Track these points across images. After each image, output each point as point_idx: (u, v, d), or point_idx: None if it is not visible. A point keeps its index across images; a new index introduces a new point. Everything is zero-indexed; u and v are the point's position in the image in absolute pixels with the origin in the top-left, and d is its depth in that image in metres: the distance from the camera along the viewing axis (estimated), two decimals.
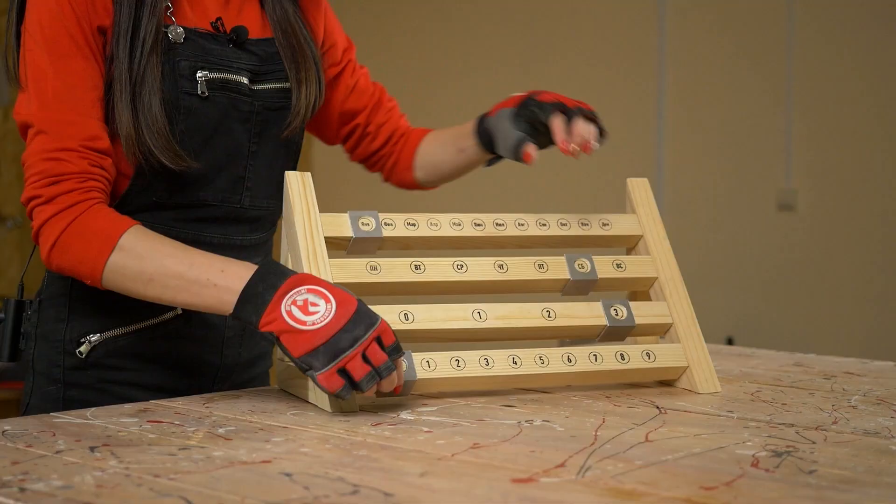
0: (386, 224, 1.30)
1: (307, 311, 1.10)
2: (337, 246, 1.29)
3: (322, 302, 1.11)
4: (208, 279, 1.14)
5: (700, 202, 3.65)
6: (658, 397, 1.25)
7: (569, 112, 1.32)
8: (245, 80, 1.30)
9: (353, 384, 1.10)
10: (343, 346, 1.09)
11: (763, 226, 3.58)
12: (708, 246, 3.63)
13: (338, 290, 1.13)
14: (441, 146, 1.51)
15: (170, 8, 1.26)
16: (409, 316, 1.24)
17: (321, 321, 1.09)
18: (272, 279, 1.13)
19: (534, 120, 1.35)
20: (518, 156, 1.37)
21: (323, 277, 1.21)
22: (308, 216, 1.26)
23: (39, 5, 1.21)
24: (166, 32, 1.25)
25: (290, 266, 1.27)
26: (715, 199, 3.64)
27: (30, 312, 1.32)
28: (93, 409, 1.15)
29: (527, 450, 0.98)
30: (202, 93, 1.26)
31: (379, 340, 1.11)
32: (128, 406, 1.17)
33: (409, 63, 4.30)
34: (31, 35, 1.22)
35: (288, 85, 1.33)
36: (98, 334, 1.28)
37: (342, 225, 1.28)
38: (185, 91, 1.25)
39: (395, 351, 1.12)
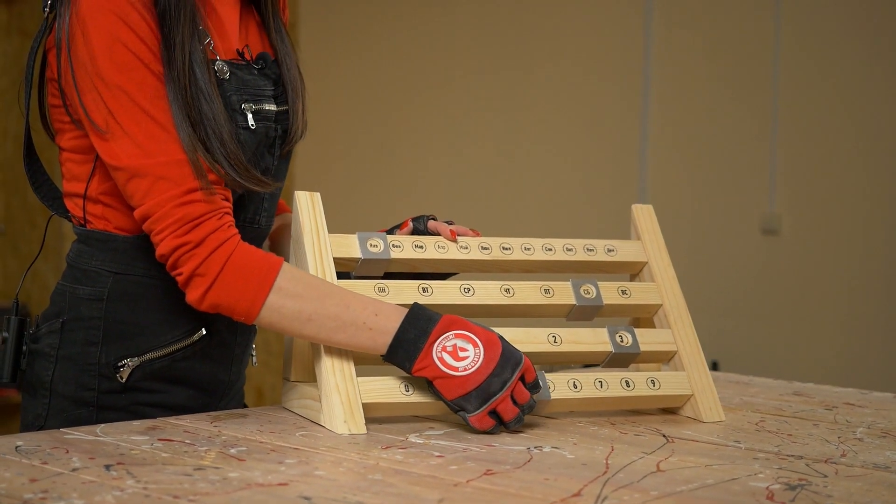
0: (394, 246, 1.30)
1: (457, 357, 1.16)
2: (345, 266, 1.29)
3: (470, 347, 1.17)
4: (364, 322, 1.18)
5: (684, 226, 3.67)
6: (663, 425, 1.26)
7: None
8: (273, 107, 1.30)
9: (502, 423, 1.16)
10: (494, 390, 1.15)
11: (747, 250, 3.61)
12: (691, 270, 3.66)
13: (481, 330, 1.18)
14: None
15: (212, 43, 1.25)
16: None
17: (472, 366, 1.16)
18: (422, 324, 1.17)
19: None
20: None
21: None
22: (317, 236, 1.26)
23: (110, 47, 1.16)
24: (213, 68, 1.24)
25: None
26: (699, 223, 3.67)
27: (33, 331, 1.29)
28: (102, 425, 1.14)
29: (540, 477, 0.98)
30: (252, 125, 1.26)
31: (521, 378, 1.17)
32: (136, 423, 1.17)
33: (392, 69, 4.30)
34: (103, 80, 1.16)
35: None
36: (135, 358, 1.26)
37: (351, 246, 1.28)
38: (241, 126, 1.25)
39: (535, 387, 1.19)
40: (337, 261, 1.27)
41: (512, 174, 4.02)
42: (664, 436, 1.19)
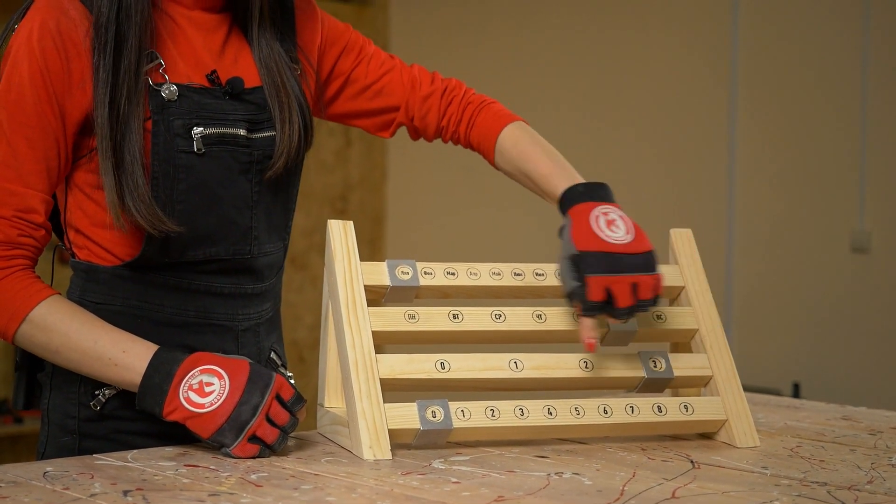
0: (425, 273, 1.31)
1: (203, 393, 1.16)
2: (376, 294, 1.31)
3: (215, 380, 1.17)
4: (110, 358, 1.20)
5: (772, 244, 3.60)
6: (694, 451, 1.24)
7: (616, 314, 1.24)
8: (242, 132, 1.31)
9: (267, 447, 1.16)
10: (246, 418, 1.15)
11: (836, 268, 3.51)
12: (779, 288, 3.58)
13: (229, 360, 1.18)
14: (525, 180, 1.44)
15: (162, 65, 1.28)
16: (446, 365, 1.26)
17: (218, 400, 1.16)
18: (167, 367, 1.18)
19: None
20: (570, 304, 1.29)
21: (361, 325, 1.23)
22: (348, 264, 1.29)
23: (14, 67, 1.22)
24: (159, 91, 1.26)
25: (330, 313, 1.29)
26: (787, 241, 3.59)
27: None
28: (134, 451, 1.18)
29: None
30: (198, 150, 1.27)
31: (279, 398, 1.17)
32: (168, 449, 1.20)
33: (481, 75, 4.32)
34: None
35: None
36: (112, 388, 1.29)
37: (381, 273, 1.30)
38: (180, 150, 1.27)
39: (296, 402, 1.18)
40: (368, 288, 1.29)
41: None
42: (692, 461, 1.18)
